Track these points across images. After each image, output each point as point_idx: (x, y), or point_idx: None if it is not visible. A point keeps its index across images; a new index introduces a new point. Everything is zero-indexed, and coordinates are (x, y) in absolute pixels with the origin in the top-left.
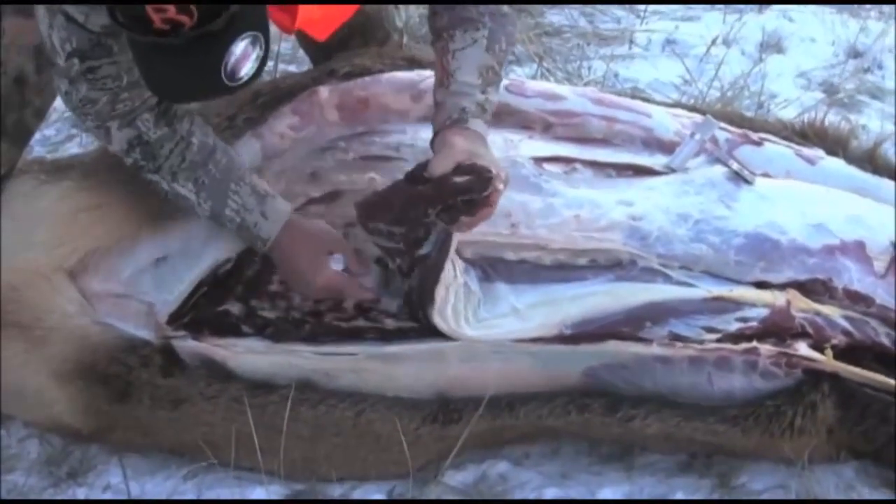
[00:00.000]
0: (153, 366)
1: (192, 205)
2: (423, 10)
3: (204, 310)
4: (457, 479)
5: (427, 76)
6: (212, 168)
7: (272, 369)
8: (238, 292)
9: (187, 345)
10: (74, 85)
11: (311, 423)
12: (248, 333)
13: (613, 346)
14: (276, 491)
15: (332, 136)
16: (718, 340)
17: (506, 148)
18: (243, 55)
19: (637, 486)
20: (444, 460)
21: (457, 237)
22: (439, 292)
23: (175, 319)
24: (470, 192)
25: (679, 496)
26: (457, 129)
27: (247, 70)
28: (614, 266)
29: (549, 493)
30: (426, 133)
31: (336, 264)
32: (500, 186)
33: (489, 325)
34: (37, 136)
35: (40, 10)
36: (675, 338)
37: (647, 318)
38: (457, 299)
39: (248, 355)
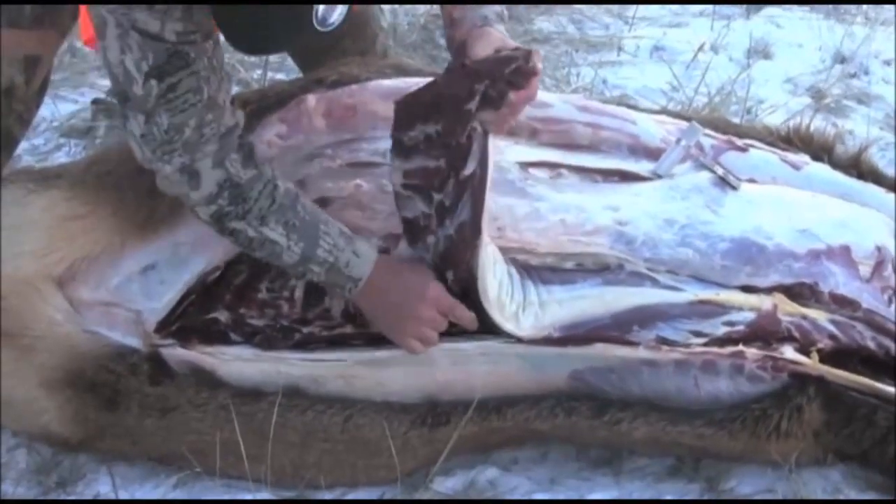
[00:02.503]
0: (141, 374)
1: (280, 250)
2: (411, 17)
3: (192, 318)
4: (446, 486)
5: (413, 83)
6: (300, 210)
7: (261, 377)
8: (226, 300)
9: (175, 353)
10: (154, 117)
11: (300, 430)
12: (237, 341)
13: (600, 350)
14: (266, 498)
15: (320, 143)
16: (705, 344)
17: (491, 153)
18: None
19: (626, 490)
20: (434, 464)
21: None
22: (484, 260)
23: (163, 328)
24: (515, 61)
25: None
26: (482, 31)
27: (337, 15)
28: (602, 270)
29: (538, 498)
30: None
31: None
32: (540, 64)
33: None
34: (25, 145)
35: (109, 38)
36: (663, 341)
37: (635, 322)
38: (501, 281)
39: (237, 363)
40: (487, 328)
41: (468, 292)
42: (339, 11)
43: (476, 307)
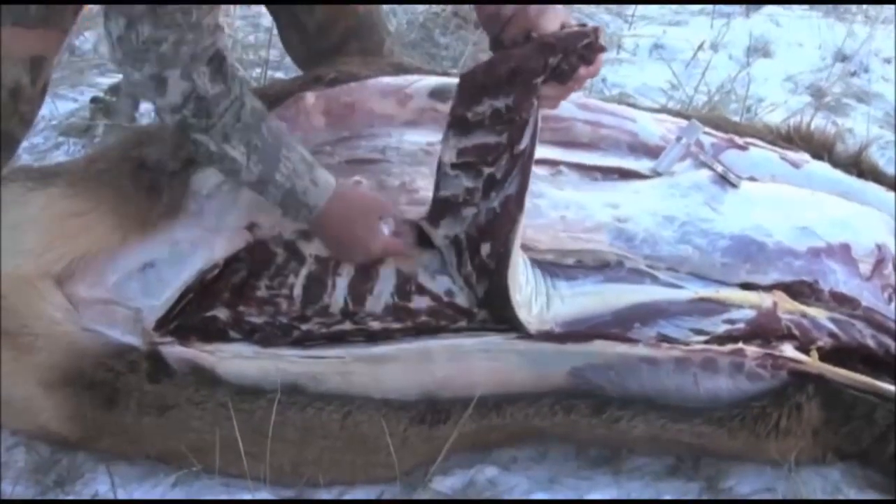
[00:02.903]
0: (140, 372)
1: (239, 168)
2: (410, 15)
3: (191, 315)
4: (445, 485)
5: (413, 80)
6: (264, 131)
7: (260, 374)
8: (225, 298)
9: (174, 350)
10: (136, 24)
11: (299, 427)
12: (236, 339)
13: (599, 346)
14: (265, 497)
15: (318, 140)
16: (706, 342)
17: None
18: None
19: (625, 490)
20: (433, 462)
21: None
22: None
23: (162, 325)
24: (587, 36)
25: (667, 499)
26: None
27: None
28: (602, 267)
29: (538, 498)
30: (412, 136)
31: (386, 230)
32: (604, 38)
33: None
34: (24, 144)
35: None
36: (663, 339)
37: (636, 319)
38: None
39: (236, 360)
40: (496, 317)
41: (499, 268)
42: None
43: (499, 290)
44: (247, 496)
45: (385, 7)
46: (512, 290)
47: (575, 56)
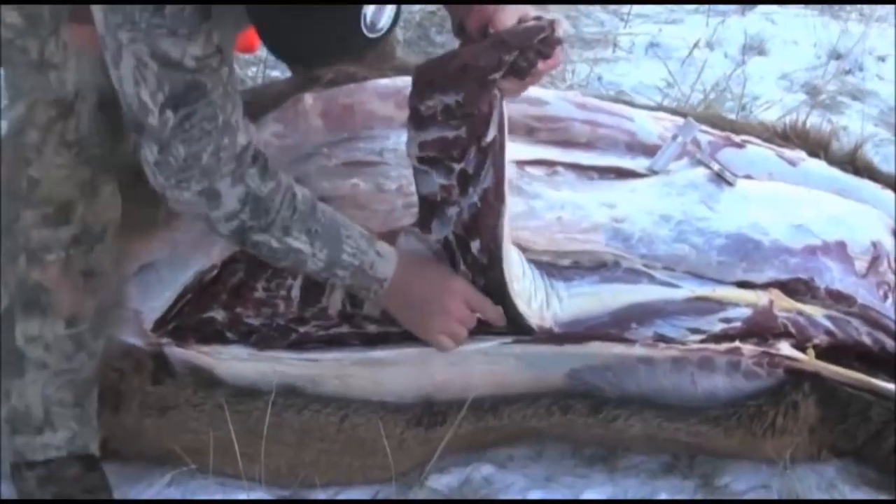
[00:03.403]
0: (144, 373)
1: (305, 258)
2: (406, 14)
3: (188, 317)
4: (441, 483)
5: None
6: (320, 216)
7: (257, 376)
8: (223, 299)
9: (174, 352)
10: (169, 148)
11: (296, 429)
12: (233, 340)
13: (597, 348)
14: (260, 497)
15: (317, 142)
16: (702, 341)
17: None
18: (379, 4)
19: (621, 487)
20: (429, 464)
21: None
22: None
23: (160, 327)
24: (543, 31)
25: (662, 497)
26: None
27: (386, 19)
28: (599, 267)
29: (534, 496)
30: None
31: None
32: (563, 32)
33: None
34: None
35: (125, 68)
36: (661, 339)
37: (633, 320)
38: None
39: (233, 362)
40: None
41: (493, 262)
42: (388, 14)
43: (496, 284)
44: (242, 496)
45: None
46: (508, 281)
47: (532, 51)
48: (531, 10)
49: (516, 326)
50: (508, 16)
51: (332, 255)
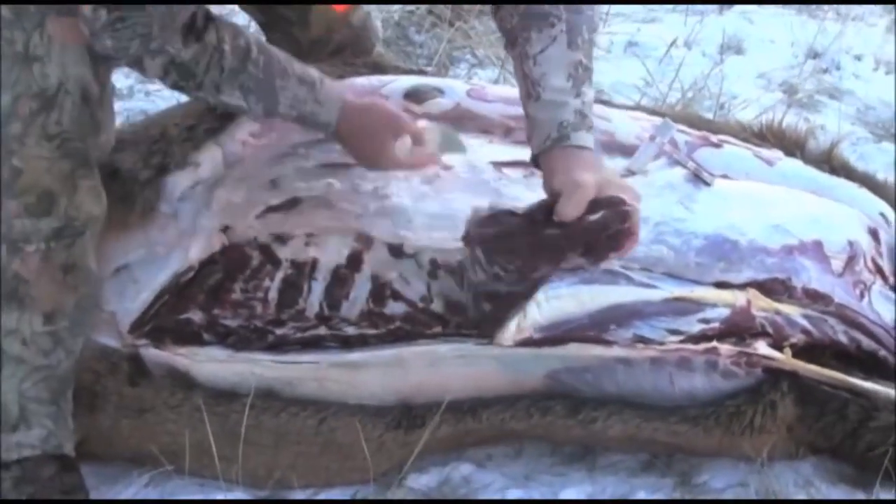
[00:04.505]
0: (120, 374)
1: (246, 109)
2: (385, 13)
3: (165, 318)
4: (420, 483)
5: (387, 81)
6: (251, 70)
7: (235, 378)
8: (200, 301)
9: (150, 353)
10: (98, 38)
11: (274, 432)
12: (210, 342)
13: (575, 349)
14: (239, 497)
15: (293, 142)
16: (681, 342)
17: (466, 153)
18: None
19: (599, 485)
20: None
21: None
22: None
23: (136, 328)
24: (610, 227)
25: (641, 495)
26: (564, 152)
27: None
28: (576, 268)
29: (513, 495)
30: None
31: (402, 149)
32: (639, 207)
33: None
34: None
35: None
36: (639, 340)
37: (612, 321)
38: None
39: (210, 364)
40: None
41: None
42: None
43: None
44: (220, 496)
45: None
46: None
47: (602, 246)
48: (605, 180)
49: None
50: (573, 207)
51: (268, 107)
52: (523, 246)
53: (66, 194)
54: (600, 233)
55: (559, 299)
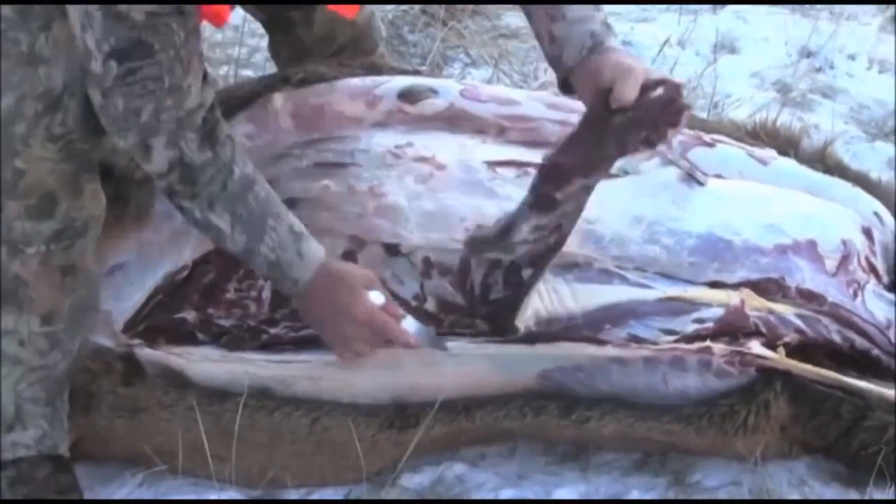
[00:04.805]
0: (115, 374)
1: (224, 237)
2: (379, 13)
3: (159, 318)
4: (413, 482)
5: (382, 82)
6: (251, 201)
7: (228, 378)
8: (194, 300)
9: (144, 353)
10: (110, 97)
11: (268, 431)
12: (204, 342)
13: (569, 348)
14: (232, 497)
15: (287, 143)
16: (675, 342)
17: (459, 152)
18: None
19: (593, 485)
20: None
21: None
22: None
23: (130, 328)
24: (672, 101)
25: (634, 494)
26: (603, 54)
27: None
28: (571, 267)
29: (506, 494)
30: (380, 139)
31: (376, 299)
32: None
33: None
34: None
35: (72, 10)
36: (634, 339)
37: (607, 321)
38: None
39: (205, 364)
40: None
41: (529, 285)
42: None
43: (515, 299)
44: (214, 496)
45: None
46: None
47: (663, 124)
48: (648, 69)
49: (496, 330)
50: (630, 88)
51: (249, 243)
52: (591, 144)
53: (68, 196)
54: (664, 107)
55: (556, 293)
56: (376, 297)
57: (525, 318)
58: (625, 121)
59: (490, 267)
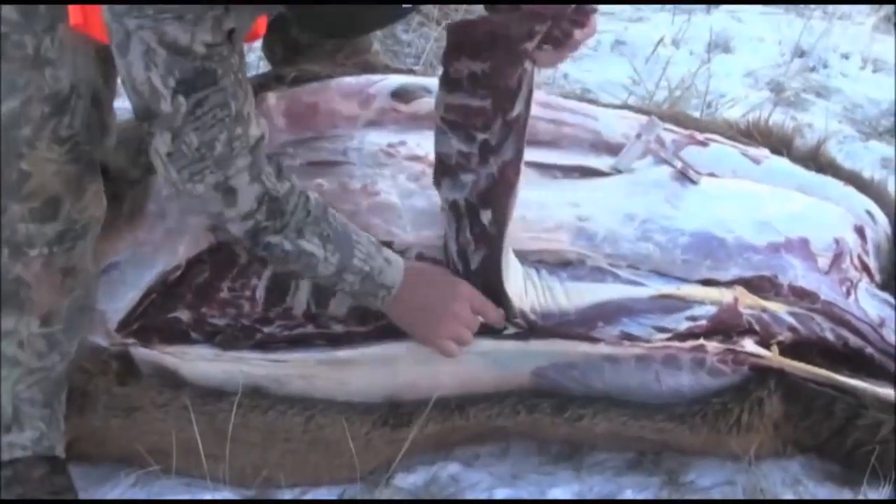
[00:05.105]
0: (110, 373)
1: (317, 262)
2: None
3: (153, 317)
4: (407, 482)
5: (375, 80)
6: (332, 220)
7: (223, 377)
8: (188, 299)
9: (139, 352)
10: (182, 136)
11: (262, 430)
12: (198, 341)
13: (562, 346)
14: (226, 497)
15: (280, 142)
16: (668, 339)
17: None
18: None
19: (587, 484)
20: (395, 463)
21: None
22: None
23: (124, 327)
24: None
25: (628, 494)
26: None
27: None
28: (565, 265)
29: (500, 494)
30: (374, 137)
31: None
32: None
33: None
34: None
35: (133, 54)
36: (626, 337)
37: (600, 318)
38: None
39: (198, 363)
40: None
41: (498, 235)
42: None
43: (494, 260)
44: (208, 496)
45: None
46: (504, 261)
47: (566, 21)
48: None
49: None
50: None
51: (343, 260)
52: (487, 29)
53: (72, 198)
54: (564, 7)
55: (551, 290)
56: (463, 309)
57: (517, 295)
58: (527, 10)
59: (455, 218)
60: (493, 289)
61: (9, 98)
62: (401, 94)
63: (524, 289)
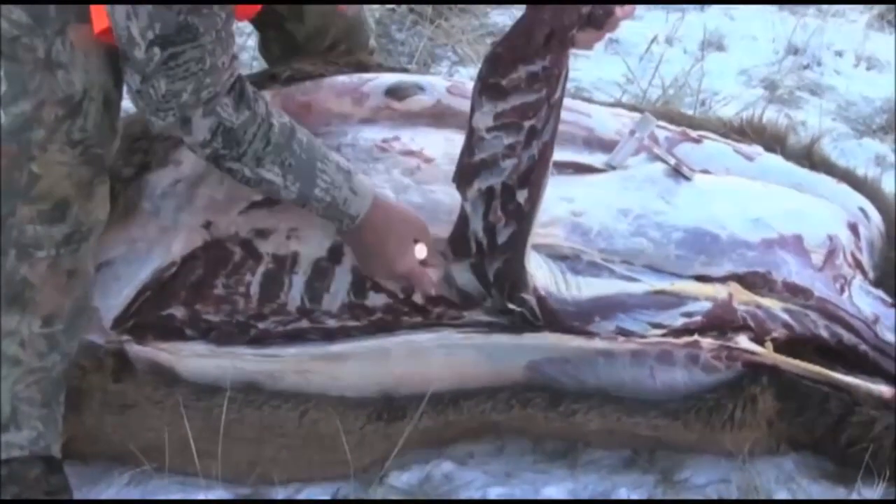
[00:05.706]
0: (105, 370)
1: (277, 189)
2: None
3: (147, 314)
4: (401, 480)
5: (368, 79)
6: (296, 148)
7: (217, 373)
8: (182, 296)
9: (134, 349)
10: (151, 81)
11: (256, 425)
12: (192, 337)
13: (556, 340)
14: (220, 495)
15: None
16: (663, 335)
17: (446, 145)
18: None
19: (581, 483)
20: (389, 459)
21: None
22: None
23: (119, 324)
24: None
25: (623, 492)
26: None
27: None
28: (564, 259)
29: (494, 493)
30: (367, 135)
31: (419, 253)
32: None
33: None
34: None
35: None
36: (622, 332)
37: (596, 313)
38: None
39: (193, 359)
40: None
41: (531, 211)
42: None
43: (522, 234)
44: (201, 495)
45: None
46: (530, 240)
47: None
48: None
49: (502, 291)
50: None
51: (303, 189)
52: (538, 28)
53: (81, 201)
54: None
55: (555, 277)
56: (420, 251)
57: (533, 275)
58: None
59: (487, 199)
60: (516, 261)
61: (20, 101)
62: (395, 92)
63: (537, 267)
